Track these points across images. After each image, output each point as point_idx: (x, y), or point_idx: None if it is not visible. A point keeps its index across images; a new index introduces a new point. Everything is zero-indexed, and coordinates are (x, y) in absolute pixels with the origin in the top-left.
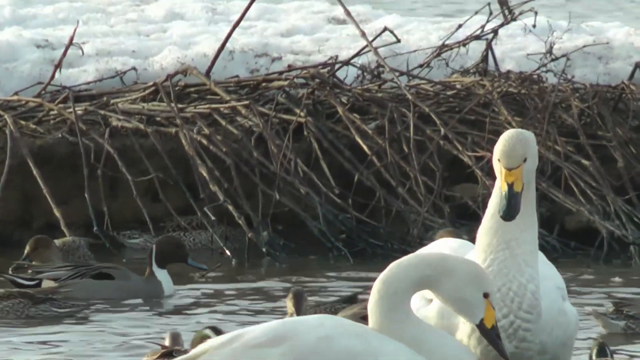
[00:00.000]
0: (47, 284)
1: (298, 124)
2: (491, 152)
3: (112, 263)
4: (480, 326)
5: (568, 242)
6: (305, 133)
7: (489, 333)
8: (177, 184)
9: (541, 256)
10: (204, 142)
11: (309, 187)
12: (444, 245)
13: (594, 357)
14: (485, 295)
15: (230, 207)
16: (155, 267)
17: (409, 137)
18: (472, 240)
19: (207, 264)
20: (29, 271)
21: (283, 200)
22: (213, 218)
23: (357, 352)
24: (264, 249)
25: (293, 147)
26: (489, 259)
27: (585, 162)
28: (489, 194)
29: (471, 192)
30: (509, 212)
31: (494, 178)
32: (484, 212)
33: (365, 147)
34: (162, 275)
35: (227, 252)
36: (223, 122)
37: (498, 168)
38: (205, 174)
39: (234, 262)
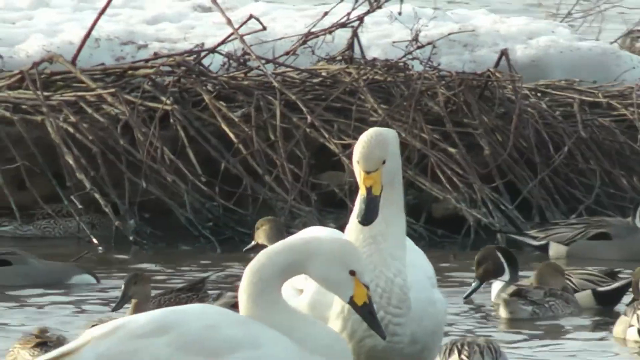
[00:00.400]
0: None
1: (164, 112)
2: (357, 139)
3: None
4: (351, 304)
5: (435, 230)
6: (171, 121)
7: (360, 310)
8: (44, 172)
9: (410, 244)
10: (71, 130)
11: (175, 175)
12: (313, 234)
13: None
14: (352, 273)
15: (97, 196)
16: None
17: (275, 125)
18: (339, 228)
19: (75, 252)
20: None
21: (150, 189)
22: (80, 207)
23: (239, 339)
24: (131, 238)
25: (159, 135)
26: None
27: (451, 149)
28: (357, 182)
29: (338, 179)
30: (367, 216)
31: None
32: (351, 200)
33: (231, 135)
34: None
35: (94, 240)
36: (89, 110)
37: (357, 170)
38: (71, 162)
39: (100, 250)
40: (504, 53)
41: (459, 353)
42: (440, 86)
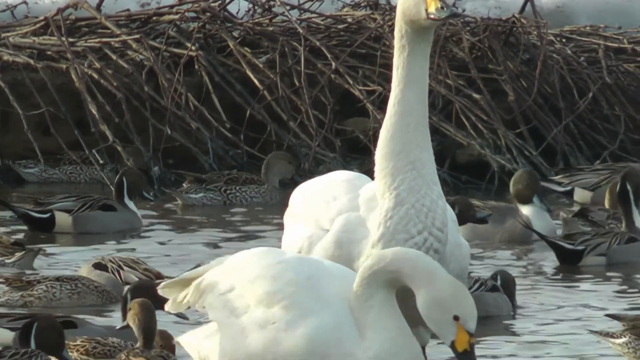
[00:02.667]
0: (59, 215)
1: (189, 58)
2: (382, 86)
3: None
4: (452, 348)
5: (459, 175)
6: (196, 67)
7: (460, 356)
8: (67, 120)
9: (437, 178)
10: (95, 76)
11: (200, 121)
12: (340, 178)
13: None
14: (456, 318)
15: (119, 148)
16: (127, 199)
17: (300, 71)
18: (365, 174)
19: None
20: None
21: (174, 135)
22: (101, 162)
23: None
24: (144, 195)
25: (184, 81)
26: (398, 179)
27: (476, 95)
28: (380, 128)
29: (362, 125)
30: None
31: (384, 112)
32: (374, 146)
33: (256, 81)
34: (133, 207)
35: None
36: (114, 57)
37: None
38: (94, 112)
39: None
40: None
41: None
42: (465, 32)
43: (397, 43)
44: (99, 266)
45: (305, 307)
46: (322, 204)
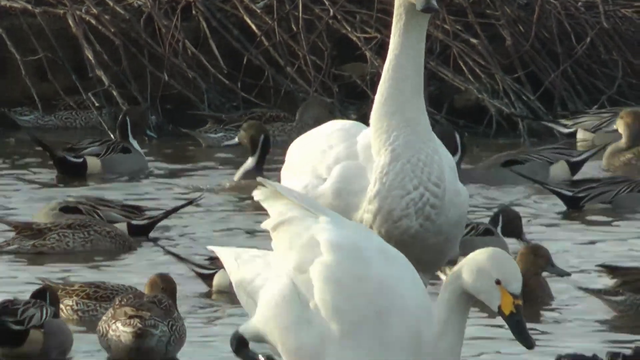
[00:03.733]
0: (90, 160)
1: (186, 3)
2: (380, 32)
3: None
4: (500, 313)
5: (457, 120)
6: (193, 12)
7: (508, 319)
8: (65, 65)
9: (434, 137)
10: (93, 22)
11: (197, 67)
12: (335, 127)
13: None
14: (498, 282)
15: (115, 93)
16: (131, 139)
17: (297, 16)
18: (361, 119)
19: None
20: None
21: (172, 82)
22: (97, 104)
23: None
24: (148, 133)
25: (182, 26)
26: (393, 135)
27: (473, 40)
28: (378, 74)
29: (360, 70)
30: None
31: (383, 58)
32: (372, 92)
33: (253, 27)
34: (137, 146)
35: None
36: (111, 3)
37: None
38: (91, 58)
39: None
40: None
41: None
42: None
43: (395, 10)
44: (67, 209)
45: (359, 342)
46: (318, 153)
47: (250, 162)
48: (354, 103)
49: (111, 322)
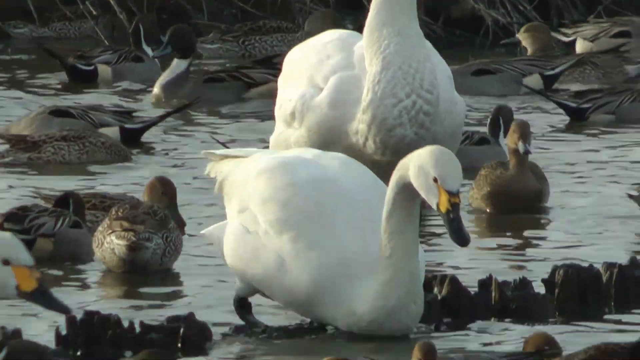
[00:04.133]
0: (101, 68)
1: None
2: None
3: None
4: (438, 211)
5: (453, 30)
6: None
7: (443, 216)
8: None
9: (429, 46)
10: None
11: None
12: (333, 37)
13: None
14: (435, 180)
15: (112, 1)
16: (144, 45)
17: None
18: (358, 29)
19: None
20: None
21: None
22: (94, 13)
23: None
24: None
25: None
26: (384, 44)
27: None
28: None
29: None
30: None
31: None
32: (368, 2)
33: None
34: (151, 53)
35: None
36: None
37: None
38: None
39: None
40: None
41: None
42: None
43: None
44: (57, 113)
45: (312, 239)
46: (315, 62)
47: (178, 65)
48: (350, 13)
49: (107, 233)
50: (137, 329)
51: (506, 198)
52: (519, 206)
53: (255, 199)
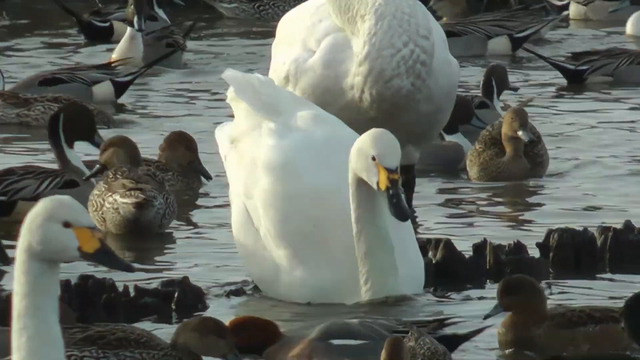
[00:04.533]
0: (117, 24)
1: None
2: None
3: None
4: (378, 189)
5: None
6: None
7: (385, 194)
8: None
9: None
10: None
11: None
12: (323, 0)
13: None
14: (373, 159)
15: None
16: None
17: None
18: None
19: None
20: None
21: None
22: None
23: None
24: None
25: None
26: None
27: None
28: None
29: None
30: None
31: None
32: None
33: None
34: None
35: None
36: None
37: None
38: None
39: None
40: None
41: None
42: None
43: None
44: (46, 82)
45: (307, 260)
46: (307, 26)
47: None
48: None
49: (107, 195)
50: (132, 293)
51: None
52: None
53: (259, 196)
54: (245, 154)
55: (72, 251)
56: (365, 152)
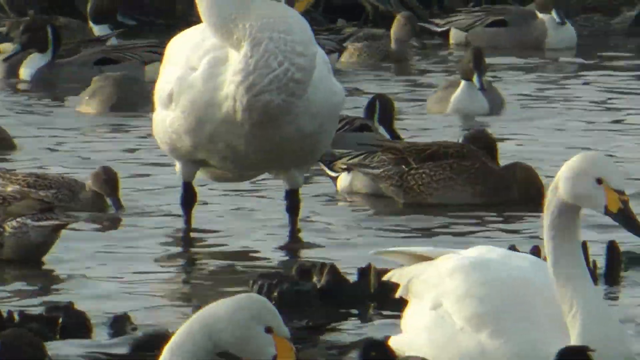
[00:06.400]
0: None
1: None
2: None
3: None
4: (609, 214)
5: (334, 17)
6: None
7: (616, 217)
8: None
9: (303, 27)
10: None
11: None
12: (210, 22)
13: None
14: (599, 181)
15: None
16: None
17: None
18: None
19: None
20: None
21: None
22: None
23: None
24: None
25: None
26: (246, 26)
27: None
28: None
29: None
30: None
31: None
32: None
33: None
34: None
35: None
36: None
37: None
38: None
39: None
40: None
41: None
42: None
43: None
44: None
45: (513, 334)
46: (192, 46)
47: (41, 57)
48: None
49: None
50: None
51: None
52: None
53: (450, 297)
54: (428, 280)
55: (265, 357)
56: (586, 175)
